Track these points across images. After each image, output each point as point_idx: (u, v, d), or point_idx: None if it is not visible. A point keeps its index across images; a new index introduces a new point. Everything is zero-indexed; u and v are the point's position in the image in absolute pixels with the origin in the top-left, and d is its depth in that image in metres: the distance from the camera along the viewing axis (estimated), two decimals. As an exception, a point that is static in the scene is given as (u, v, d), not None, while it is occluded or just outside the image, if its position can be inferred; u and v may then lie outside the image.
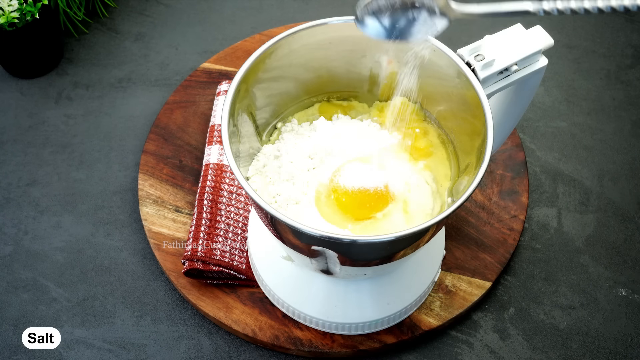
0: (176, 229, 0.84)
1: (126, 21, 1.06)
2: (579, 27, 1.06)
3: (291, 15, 1.07)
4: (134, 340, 0.79)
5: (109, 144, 0.94)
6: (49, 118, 0.96)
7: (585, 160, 0.92)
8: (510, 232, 0.84)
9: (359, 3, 0.61)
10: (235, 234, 0.83)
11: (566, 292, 0.82)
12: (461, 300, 0.80)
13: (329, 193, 0.72)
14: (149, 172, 0.89)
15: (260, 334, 0.77)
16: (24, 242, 0.86)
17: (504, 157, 0.89)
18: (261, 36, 1.01)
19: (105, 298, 0.82)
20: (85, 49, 1.03)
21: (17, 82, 0.99)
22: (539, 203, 0.89)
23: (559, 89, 0.99)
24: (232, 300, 0.80)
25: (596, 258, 0.85)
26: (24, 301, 0.81)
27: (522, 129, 0.95)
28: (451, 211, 0.61)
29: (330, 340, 0.77)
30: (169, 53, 1.03)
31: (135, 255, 0.85)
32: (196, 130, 0.93)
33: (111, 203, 0.89)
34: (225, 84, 0.94)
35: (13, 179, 0.91)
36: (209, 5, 1.08)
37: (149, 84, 0.99)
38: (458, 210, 0.68)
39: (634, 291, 0.82)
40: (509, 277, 0.83)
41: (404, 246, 0.65)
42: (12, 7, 0.89)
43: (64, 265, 0.84)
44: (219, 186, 0.85)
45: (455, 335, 0.80)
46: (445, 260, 0.82)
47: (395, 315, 0.77)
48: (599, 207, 0.88)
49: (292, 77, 0.74)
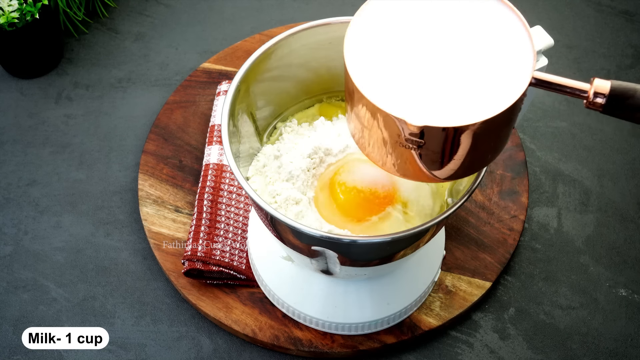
0: (176, 229, 0.84)
1: (126, 21, 1.06)
2: (579, 27, 1.06)
3: (291, 15, 1.07)
4: (134, 340, 0.79)
5: (109, 144, 0.94)
6: (49, 118, 0.96)
7: (585, 160, 0.92)
8: (510, 232, 0.84)
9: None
10: (235, 234, 0.83)
11: (566, 292, 0.82)
12: (461, 300, 0.80)
13: (330, 193, 0.72)
14: (149, 172, 0.89)
15: (260, 334, 0.77)
16: (24, 242, 0.86)
17: (504, 157, 0.90)
18: (261, 36, 1.01)
19: (105, 298, 0.82)
20: (85, 49, 1.03)
21: (17, 82, 0.99)
22: (539, 203, 0.89)
23: (559, 89, 0.99)
24: (232, 301, 0.80)
25: (596, 258, 0.85)
26: (24, 301, 0.81)
27: (522, 129, 0.95)
28: (451, 211, 0.61)
29: (330, 341, 0.77)
30: (169, 53, 1.03)
31: (135, 255, 0.85)
32: (196, 130, 0.93)
33: (111, 203, 0.89)
34: (225, 84, 0.94)
35: (13, 179, 0.91)
36: (209, 5, 1.08)
37: (149, 84, 0.99)
38: (458, 210, 0.68)
39: (634, 291, 0.82)
40: (509, 277, 0.83)
41: (404, 246, 0.65)
42: (12, 7, 0.89)
43: (64, 265, 0.84)
44: (219, 186, 0.85)
45: (455, 335, 0.80)
46: (445, 260, 0.82)
47: (395, 316, 0.77)
48: (599, 207, 0.88)
49: (292, 77, 0.74)
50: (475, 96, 0.53)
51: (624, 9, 1.07)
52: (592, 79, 0.54)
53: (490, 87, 0.53)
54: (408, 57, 0.55)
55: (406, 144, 0.54)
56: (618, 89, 0.53)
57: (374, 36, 0.56)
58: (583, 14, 1.07)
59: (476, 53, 0.55)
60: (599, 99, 0.53)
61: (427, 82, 0.54)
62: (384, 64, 0.55)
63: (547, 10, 1.08)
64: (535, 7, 1.08)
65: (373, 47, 0.55)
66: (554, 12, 1.07)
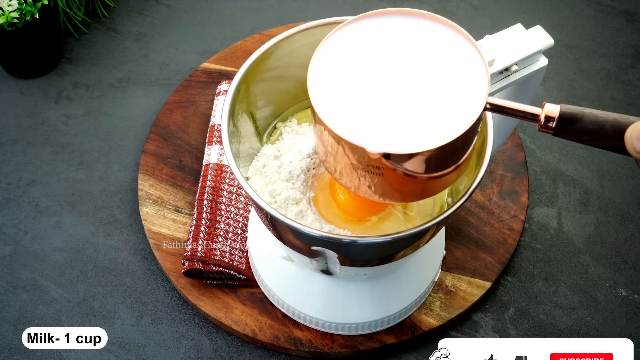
0: (176, 229, 0.84)
1: (126, 21, 1.06)
2: (579, 27, 1.06)
3: (291, 15, 1.07)
4: (134, 340, 0.79)
5: (109, 144, 0.94)
6: (48, 118, 0.96)
7: (585, 160, 0.92)
8: (510, 232, 0.84)
9: None
10: (235, 234, 0.83)
11: (566, 292, 0.82)
12: (461, 300, 0.80)
13: (330, 193, 0.72)
14: (149, 172, 0.89)
15: (260, 334, 0.77)
16: (24, 242, 0.86)
17: (504, 157, 0.90)
18: (261, 36, 1.01)
19: (105, 298, 0.82)
20: (85, 49, 1.03)
21: (17, 82, 0.99)
22: (539, 203, 0.89)
23: (559, 89, 0.99)
24: (232, 301, 0.80)
25: (596, 258, 0.85)
26: (24, 301, 0.81)
27: (522, 129, 0.95)
28: (451, 211, 0.61)
29: (330, 341, 0.77)
30: (169, 53, 1.03)
31: (135, 255, 0.85)
32: (196, 130, 0.93)
33: (111, 203, 0.89)
34: (225, 84, 0.94)
35: (13, 179, 0.91)
36: (209, 5, 1.08)
37: (149, 84, 0.99)
38: (458, 210, 0.68)
39: (634, 291, 0.82)
40: (509, 277, 0.83)
41: (404, 246, 0.65)
42: (12, 7, 0.89)
43: (63, 265, 0.84)
44: (218, 186, 0.85)
45: (455, 335, 0.79)
46: (445, 260, 0.82)
47: (395, 316, 0.77)
48: (599, 207, 0.88)
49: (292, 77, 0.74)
50: (434, 122, 0.56)
51: (624, 9, 1.07)
52: (543, 103, 0.56)
53: (448, 113, 0.56)
54: (369, 87, 0.58)
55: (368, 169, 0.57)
56: (566, 113, 0.55)
57: (336, 67, 0.59)
58: (583, 14, 1.07)
59: (434, 80, 0.58)
60: (550, 122, 0.55)
61: (387, 110, 0.57)
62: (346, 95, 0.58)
63: (547, 10, 1.08)
64: (535, 7, 1.08)
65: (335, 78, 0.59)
66: (554, 12, 1.07)
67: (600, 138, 0.55)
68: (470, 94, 0.57)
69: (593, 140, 0.55)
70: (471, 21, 1.06)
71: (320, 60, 0.59)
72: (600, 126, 0.54)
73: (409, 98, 0.57)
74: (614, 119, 0.54)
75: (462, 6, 1.08)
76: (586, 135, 0.55)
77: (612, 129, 0.54)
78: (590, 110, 0.55)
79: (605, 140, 0.55)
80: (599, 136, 0.55)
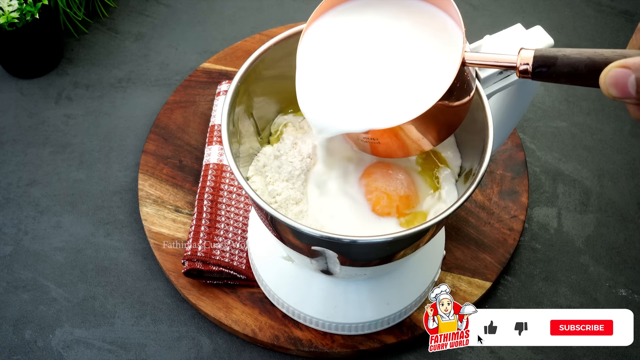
0: (176, 229, 0.84)
1: (126, 21, 1.06)
2: (579, 27, 1.06)
3: (291, 15, 1.07)
4: (134, 340, 0.79)
5: (109, 144, 0.94)
6: (49, 118, 0.96)
7: (585, 160, 0.92)
8: (510, 232, 0.84)
9: None
10: (235, 234, 0.83)
11: (566, 292, 0.82)
12: (461, 300, 0.80)
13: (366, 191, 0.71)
14: (149, 172, 0.89)
15: (260, 334, 0.77)
16: (24, 242, 0.86)
17: (504, 157, 0.90)
18: (261, 36, 1.01)
19: (105, 298, 0.82)
20: (85, 49, 1.03)
21: (17, 82, 0.99)
22: (539, 203, 0.89)
23: (559, 89, 0.99)
24: (232, 301, 0.80)
25: (596, 258, 0.85)
26: (24, 301, 0.81)
27: (522, 129, 0.95)
28: (451, 211, 0.61)
29: (330, 341, 0.77)
30: (169, 53, 1.03)
31: (135, 255, 0.85)
32: (196, 130, 0.93)
33: (111, 203, 0.89)
34: (225, 84, 0.94)
35: (13, 179, 0.91)
36: (209, 5, 1.08)
37: (149, 84, 0.99)
38: (458, 210, 0.68)
39: (634, 291, 0.82)
40: (509, 277, 0.83)
41: (404, 246, 0.65)
42: (12, 7, 0.89)
43: (64, 265, 0.84)
44: (219, 186, 0.85)
45: (455, 335, 0.80)
46: (445, 260, 0.82)
47: (395, 316, 0.77)
48: (599, 207, 0.88)
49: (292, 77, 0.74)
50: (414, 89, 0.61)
51: (624, 9, 1.07)
52: (520, 49, 0.56)
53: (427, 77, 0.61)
54: (351, 67, 0.63)
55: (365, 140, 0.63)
56: (540, 57, 0.55)
57: (318, 58, 0.64)
58: (583, 14, 1.07)
59: (413, 52, 0.62)
60: (526, 67, 0.56)
61: (371, 86, 0.62)
62: (330, 81, 0.63)
63: (547, 10, 1.08)
64: (535, 7, 1.08)
65: (319, 70, 0.64)
66: (554, 12, 1.07)
67: (576, 79, 0.54)
68: (448, 54, 0.60)
69: (571, 82, 0.55)
70: (471, 21, 1.06)
71: (303, 54, 0.64)
72: (574, 67, 0.54)
73: (390, 71, 0.62)
74: (587, 58, 0.53)
75: (462, 6, 1.08)
76: (562, 77, 0.55)
77: (586, 69, 0.53)
78: (565, 51, 0.54)
79: (582, 81, 0.54)
80: (575, 77, 0.54)
